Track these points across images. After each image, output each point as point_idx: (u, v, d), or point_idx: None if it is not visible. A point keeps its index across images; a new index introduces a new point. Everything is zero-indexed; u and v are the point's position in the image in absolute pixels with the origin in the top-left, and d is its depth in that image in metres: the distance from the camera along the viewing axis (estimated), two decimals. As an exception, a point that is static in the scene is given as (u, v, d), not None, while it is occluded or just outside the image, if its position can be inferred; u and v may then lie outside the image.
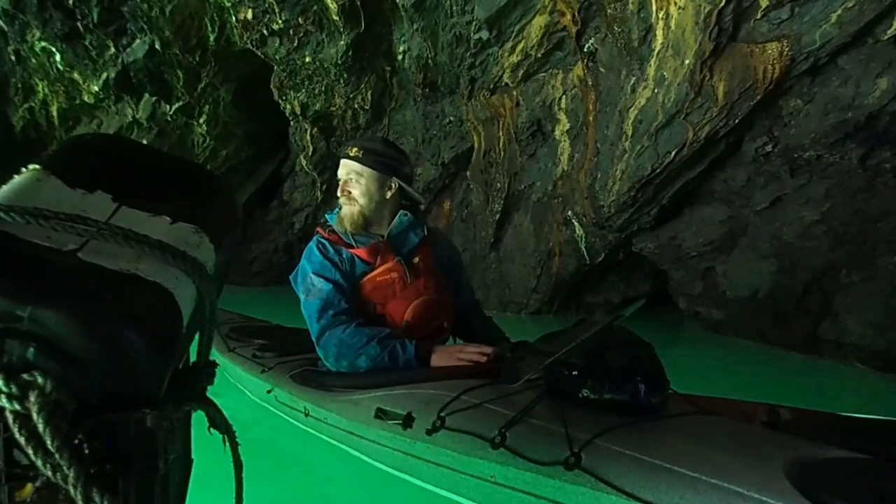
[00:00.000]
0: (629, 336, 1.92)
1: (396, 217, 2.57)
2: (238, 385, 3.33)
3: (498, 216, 7.07)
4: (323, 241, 2.55)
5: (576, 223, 6.33)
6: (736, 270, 5.42)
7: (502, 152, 6.89)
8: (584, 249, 6.43)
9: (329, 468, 2.42)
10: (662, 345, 5.55)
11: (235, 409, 3.15)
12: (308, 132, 8.68)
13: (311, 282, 2.47)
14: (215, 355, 3.52)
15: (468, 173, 7.59)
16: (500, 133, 6.83)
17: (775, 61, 4.50)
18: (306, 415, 2.51)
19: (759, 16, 4.49)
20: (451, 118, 7.45)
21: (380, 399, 2.17)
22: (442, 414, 1.90)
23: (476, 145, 7.25)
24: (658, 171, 5.17)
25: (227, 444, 0.82)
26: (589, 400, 1.76)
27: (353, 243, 2.51)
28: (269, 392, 2.85)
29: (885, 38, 4.21)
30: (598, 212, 5.85)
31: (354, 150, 2.56)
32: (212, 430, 0.79)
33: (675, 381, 1.90)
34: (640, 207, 5.62)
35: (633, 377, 1.75)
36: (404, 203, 2.64)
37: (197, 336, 0.75)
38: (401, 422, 2.01)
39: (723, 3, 4.44)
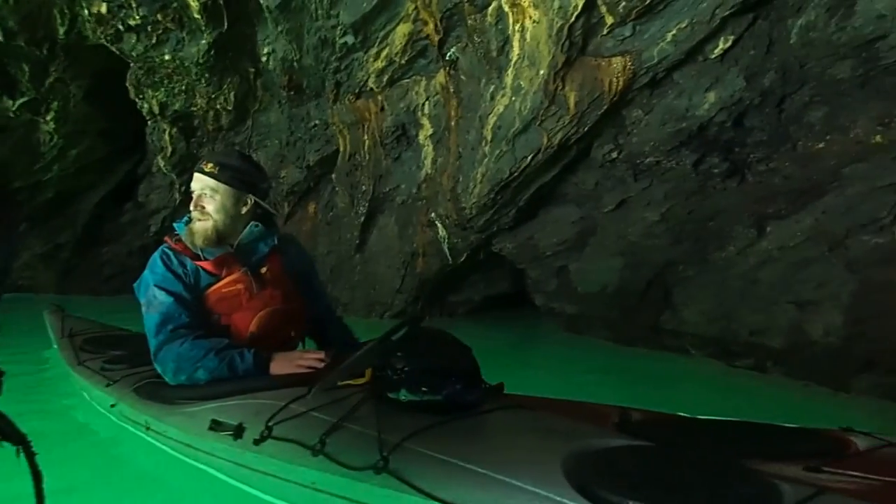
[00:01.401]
0: (447, 339, 2.09)
1: (247, 228, 2.58)
2: (86, 397, 3.27)
3: (363, 218, 7.18)
4: (168, 251, 2.53)
5: (439, 225, 6.55)
6: (587, 268, 5.81)
7: (367, 156, 7.00)
8: (447, 250, 6.65)
9: (169, 479, 2.42)
10: (520, 345, 5.90)
11: (82, 422, 3.15)
12: (167, 132, 8.39)
13: (152, 294, 2.46)
14: (65, 368, 3.50)
15: (334, 176, 7.63)
16: (366, 137, 6.94)
17: (619, 74, 4.87)
18: (147, 429, 2.52)
19: (605, 32, 4.83)
20: (317, 121, 7.47)
21: (214, 410, 2.21)
22: (269, 424, 1.97)
23: (341, 148, 7.31)
24: (516, 174, 5.46)
25: (23, 455, 0.77)
26: (408, 402, 1.89)
27: (200, 255, 2.50)
28: (112, 406, 2.83)
29: (713, 56, 4.65)
30: (460, 213, 6.08)
31: (210, 165, 2.54)
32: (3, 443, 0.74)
33: (531, 381, 2.08)
34: (499, 209, 5.90)
35: (448, 378, 1.90)
36: (258, 212, 2.64)
37: None
38: (232, 433, 2.07)
39: (573, 19, 4.75)
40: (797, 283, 4.40)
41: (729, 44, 4.56)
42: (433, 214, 6.57)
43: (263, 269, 2.57)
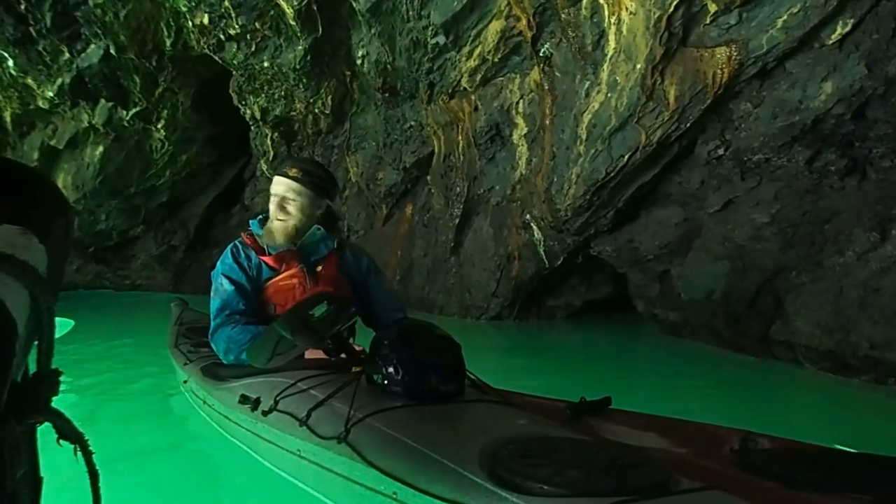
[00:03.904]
0: (435, 332, 2.23)
1: (309, 230, 2.79)
2: (174, 374, 3.76)
3: (458, 220, 7.08)
4: (239, 245, 2.77)
5: (534, 227, 6.36)
6: (691, 272, 5.48)
7: (462, 156, 6.90)
8: (543, 253, 6.45)
9: (202, 447, 2.90)
10: (621, 351, 5.64)
11: (160, 393, 3.85)
12: (269, 137, 8.64)
13: (219, 282, 2.71)
14: (166, 349, 3.95)
15: (429, 178, 7.58)
16: (460, 137, 6.84)
17: (724, 66, 4.56)
18: (204, 402, 2.91)
19: (708, 21, 4.56)
20: (412, 122, 7.44)
21: (246, 387, 2.47)
22: (277, 398, 2.20)
23: (436, 150, 7.25)
24: (612, 174, 5.21)
25: (80, 454, 0.74)
26: (385, 385, 2.05)
27: (265, 250, 2.73)
28: (185, 382, 3.26)
29: (830, 42, 4.29)
30: (555, 215, 5.88)
31: (294, 170, 2.75)
32: (61, 441, 0.72)
33: (633, 391, 1.93)
34: (596, 210, 5.66)
35: (427, 368, 2.04)
36: (324, 217, 2.88)
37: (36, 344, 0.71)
38: (251, 405, 2.32)
39: (672, 9, 4.50)
40: (927, 293, 3.96)
41: (848, 28, 4.23)
42: (528, 216, 6.39)
43: (319, 268, 2.75)
